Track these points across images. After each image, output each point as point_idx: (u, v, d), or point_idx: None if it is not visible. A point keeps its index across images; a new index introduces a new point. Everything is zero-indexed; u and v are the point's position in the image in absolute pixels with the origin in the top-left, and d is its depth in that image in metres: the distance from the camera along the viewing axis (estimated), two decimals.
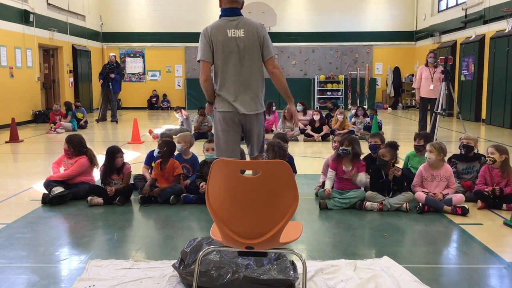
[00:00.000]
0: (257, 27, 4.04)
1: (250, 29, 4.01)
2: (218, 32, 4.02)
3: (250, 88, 4.04)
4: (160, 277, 3.30)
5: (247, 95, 4.03)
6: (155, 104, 20.69)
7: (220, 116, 4.10)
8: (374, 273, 3.32)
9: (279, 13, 19.54)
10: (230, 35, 4.01)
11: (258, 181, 2.47)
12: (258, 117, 4.12)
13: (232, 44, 4.00)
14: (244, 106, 4.03)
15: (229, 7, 4.08)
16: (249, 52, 4.02)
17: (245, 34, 4.00)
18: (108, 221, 4.75)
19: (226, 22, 4.05)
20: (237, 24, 4.02)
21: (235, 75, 4.02)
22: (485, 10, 14.33)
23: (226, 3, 4.09)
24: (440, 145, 5.23)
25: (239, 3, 4.12)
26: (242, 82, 4.03)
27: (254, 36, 4.00)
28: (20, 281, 3.29)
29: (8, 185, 6.32)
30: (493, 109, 13.57)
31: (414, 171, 5.51)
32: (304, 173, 6.50)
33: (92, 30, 19.66)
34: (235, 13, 4.08)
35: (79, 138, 5.78)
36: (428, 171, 5.21)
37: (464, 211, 4.80)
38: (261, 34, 4.03)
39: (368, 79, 19.45)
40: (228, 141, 4.11)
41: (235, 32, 4.00)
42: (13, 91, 13.68)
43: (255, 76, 4.05)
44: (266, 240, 2.54)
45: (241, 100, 4.02)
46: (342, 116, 10.91)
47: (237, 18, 4.06)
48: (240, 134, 4.15)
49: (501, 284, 3.28)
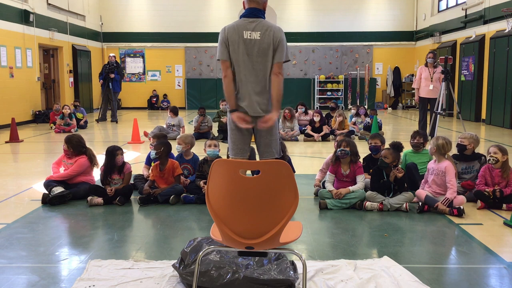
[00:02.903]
0: (274, 31, 3.95)
1: (267, 33, 3.93)
2: (234, 33, 3.97)
3: (261, 91, 3.98)
4: (160, 277, 3.30)
5: (258, 97, 3.98)
6: (155, 104, 20.69)
7: (231, 115, 4.07)
8: (374, 273, 3.33)
9: (279, 13, 19.52)
10: (245, 37, 3.96)
11: (258, 181, 2.47)
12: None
13: (247, 46, 3.95)
14: (253, 108, 3.99)
15: (249, 7, 4.04)
16: (263, 55, 3.94)
17: (261, 37, 3.94)
18: (108, 221, 4.75)
19: (245, 23, 4.00)
20: (255, 26, 3.96)
21: (247, 77, 3.98)
22: (485, 10, 14.33)
23: (247, 3, 4.05)
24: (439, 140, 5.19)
25: (259, 3, 4.02)
26: (253, 84, 3.98)
27: (269, 40, 3.93)
28: (20, 281, 3.29)
29: (8, 185, 6.32)
30: (493, 109, 13.57)
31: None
32: (304, 173, 6.50)
33: (92, 30, 19.66)
34: (255, 14, 4.01)
35: (78, 138, 5.78)
36: (432, 165, 5.25)
37: (460, 212, 4.80)
38: (277, 38, 3.94)
39: (368, 79, 19.46)
40: (236, 140, 4.09)
41: (251, 34, 3.95)
42: (13, 91, 13.68)
43: (267, 79, 3.97)
44: (266, 240, 2.54)
45: (250, 102, 3.99)
46: (341, 118, 10.93)
47: (256, 20, 3.99)
48: (249, 135, 4.11)
49: (501, 284, 3.28)
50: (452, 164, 5.17)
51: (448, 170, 5.05)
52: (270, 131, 4.01)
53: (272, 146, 4.04)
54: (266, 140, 4.02)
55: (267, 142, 4.03)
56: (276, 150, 4.06)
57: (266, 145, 4.03)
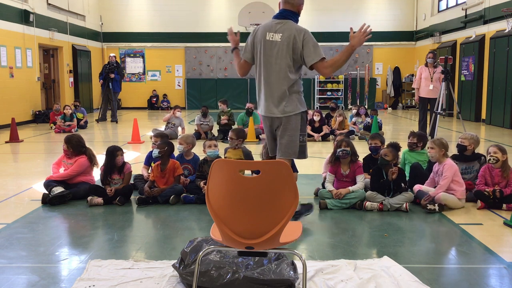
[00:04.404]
0: (295, 33, 3.93)
1: (288, 35, 3.94)
2: (261, 33, 4.05)
3: (276, 93, 4.02)
4: (160, 277, 3.30)
5: (273, 98, 4.03)
6: (155, 104, 20.69)
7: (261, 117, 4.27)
8: (374, 273, 3.33)
9: None
10: (267, 38, 4.01)
11: (258, 181, 2.47)
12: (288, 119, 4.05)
13: (267, 47, 4.00)
14: (269, 109, 4.07)
15: (281, 9, 4.09)
16: (281, 57, 3.96)
17: (281, 39, 3.95)
18: (108, 221, 4.75)
19: (271, 24, 4.04)
20: (278, 28, 3.99)
21: (266, 78, 4.05)
22: (485, 10, 14.33)
23: (282, 4, 4.10)
24: (441, 140, 5.30)
25: (293, 5, 4.05)
26: (270, 86, 4.03)
27: (290, 42, 3.92)
28: (20, 281, 3.29)
29: (8, 185, 6.32)
30: (493, 109, 13.57)
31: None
32: (304, 173, 6.49)
33: (92, 30, 19.66)
34: (284, 15, 4.04)
35: (78, 138, 5.78)
36: (436, 167, 5.30)
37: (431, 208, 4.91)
38: (298, 41, 3.92)
39: (368, 79, 19.46)
40: (266, 138, 4.33)
41: (274, 36, 3.98)
42: (13, 91, 13.68)
43: (285, 81, 3.99)
44: (266, 240, 2.54)
45: (267, 103, 4.07)
46: (341, 118, 10.92)
47: (283, 22, 4.01)
48: (274, 135, 4.22)
49: (501, 284, 3.28)
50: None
51: (446, 168, 5.11)
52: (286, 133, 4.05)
53: (288, 146, 4.07)
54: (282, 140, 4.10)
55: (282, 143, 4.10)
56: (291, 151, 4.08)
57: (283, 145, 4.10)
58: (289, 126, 4.04)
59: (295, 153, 4.08)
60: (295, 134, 4.06)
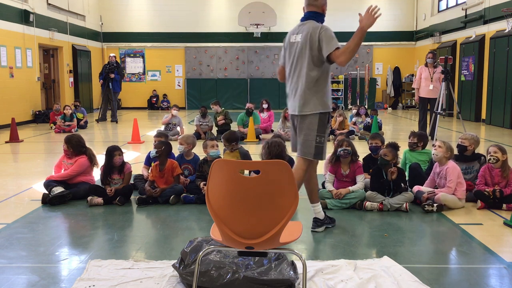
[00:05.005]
0: (312, 31, 4.03)
1: (305, 34, 4.06)
2: (287, 38, 4.28)
3: (299, 92, 4.12)
4: (160, 277, 3.30)
5: (296, 97, 4.14)
6: (155, 104, 20.68)
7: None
8: (374, 273, 3.32)
9: (279, 13, 19.53)
10: (291, 40, 4.21)
11: (258, 181, 2.47)
12: (303, 118, 4.11)
13: (292, 49, 4.18)
14: (293, 107, 4.20)
15: (305, 12, 4.23)
16: (301, 56, 4.09)
17: (301, 39, 4.10)
18: (108, 221, 4.75)
19: (296, 27, 4.22)
20: (300, 29, 4.14)
21: (290, 78, 4.21)
22: (485, 10, 14.33)
23: (306, 8, 4.24)
24: (451, 145, 5.35)
25: (318, 7, 4.18)
26: (293, 85, 4.18)
27: (307, 41, 4.04)
28: (20, 281, 3.29)
29: (8, 185, 6.32)
30: (493, 109, 13.56)
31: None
32: None
33: (92, 30, 19.66)
34: (306, 17, 4.19)
35: (77, 138, 5.78)
36: (437, 168, 5.30)
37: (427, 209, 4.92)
38: (314, 38, 4.01)
39: (368, 79, 19.46)
40: (291, 134, 4.41)
41: (296, 37, 4.16)
42: (13, 91, 13.68)
43: (305, 79, 4.08)
44: (266, 240, 2.54)
45: (290, 101, 4.23)
46: (341, 118, 10.92)
47: (305, 23, 4.15)
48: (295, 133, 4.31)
49: (501, 284, 3.29)
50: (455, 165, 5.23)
51: (450, 172, 5.12)
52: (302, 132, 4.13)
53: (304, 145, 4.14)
54: (299, 139, 4.20)
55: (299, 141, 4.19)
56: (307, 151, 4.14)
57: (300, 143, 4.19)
58: (305, 125, 4.12)
59: (311, 154, 4.12)
60: (311, 134, 4.11)
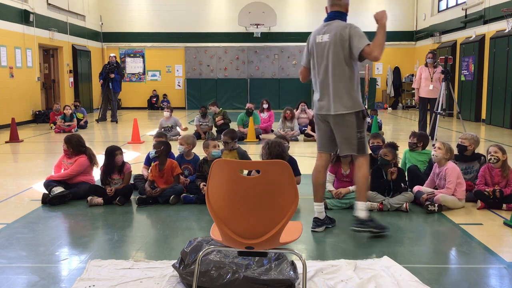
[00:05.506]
0: (341, 30, 4.03)
1: (334, 33, 4.05)
2: (312, 37, 4.24)
3: (333, 91, 4.11)
4: (160, 277, 3.30)
5: (330, 96, 4.13)
6: (155, 104, 20.68)
7: (314, 115, 4.40)
8: (374, 273, 3.33)
9: (279, 13, 19.53)
10: (318, 41, 4.18)
11: (258, 181, 2.47)
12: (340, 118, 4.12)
13: (319, 49, 4.16)
14: (327, 107, 4.17)
15: (328, 12, 4.23)
16: (333, 56, 4.07)
17: (329, 39, 4.08)
18: (108, 221, 4.75)
19: (321, 27, 4.20)
20: (326, 29, 4.13)
21: (321, 78, 4.19)
22: (485, 10, 14.33)
23: (327, 8, 4.23)
24: (451, 146, 5.34)
25: (341, 6, 4.18)
26: (325, 85, 4.16)
27: (337, 40, 4.03)
28: (20, 281, 3.29)
29: (8, 185, 6.32)
30: (493, 109, 13.56)
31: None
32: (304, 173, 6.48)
33: (92, 30, 19.66)
34: (330, 17, 4.18)
35: (77, 138, 5.78)
36: (437, 169, 5.31)
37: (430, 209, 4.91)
38: (344, 36, 4.01)
39: (368, 79, 19.44)
40: (318, 137, 4.43)
41: (322, 37, 4.14)
42: (13, 91, 13.68)
43: (338, 79, 4.08)
44: (266, 240, 2.54)
45: (329, 101, 4.16)
46: None
47: (329, 23, 4.15)
48: (328, 132, 4.30)
49: (501, 284, 3.29)
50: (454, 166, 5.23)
51: (449, 172, 5.12)
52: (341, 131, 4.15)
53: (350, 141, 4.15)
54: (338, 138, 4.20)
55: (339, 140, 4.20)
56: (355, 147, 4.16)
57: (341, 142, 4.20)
58: (343, 124, 4.13)
59: (354, 150, 4.19)
60: (351, 132, 4.14)
